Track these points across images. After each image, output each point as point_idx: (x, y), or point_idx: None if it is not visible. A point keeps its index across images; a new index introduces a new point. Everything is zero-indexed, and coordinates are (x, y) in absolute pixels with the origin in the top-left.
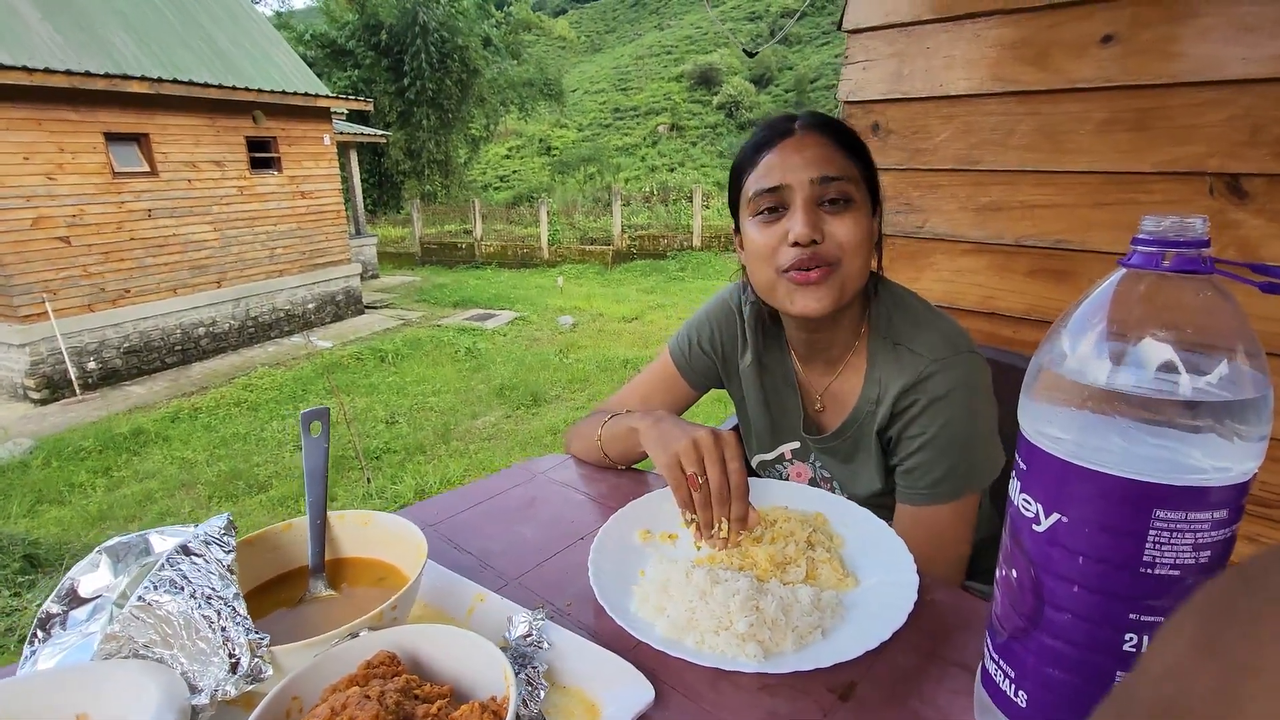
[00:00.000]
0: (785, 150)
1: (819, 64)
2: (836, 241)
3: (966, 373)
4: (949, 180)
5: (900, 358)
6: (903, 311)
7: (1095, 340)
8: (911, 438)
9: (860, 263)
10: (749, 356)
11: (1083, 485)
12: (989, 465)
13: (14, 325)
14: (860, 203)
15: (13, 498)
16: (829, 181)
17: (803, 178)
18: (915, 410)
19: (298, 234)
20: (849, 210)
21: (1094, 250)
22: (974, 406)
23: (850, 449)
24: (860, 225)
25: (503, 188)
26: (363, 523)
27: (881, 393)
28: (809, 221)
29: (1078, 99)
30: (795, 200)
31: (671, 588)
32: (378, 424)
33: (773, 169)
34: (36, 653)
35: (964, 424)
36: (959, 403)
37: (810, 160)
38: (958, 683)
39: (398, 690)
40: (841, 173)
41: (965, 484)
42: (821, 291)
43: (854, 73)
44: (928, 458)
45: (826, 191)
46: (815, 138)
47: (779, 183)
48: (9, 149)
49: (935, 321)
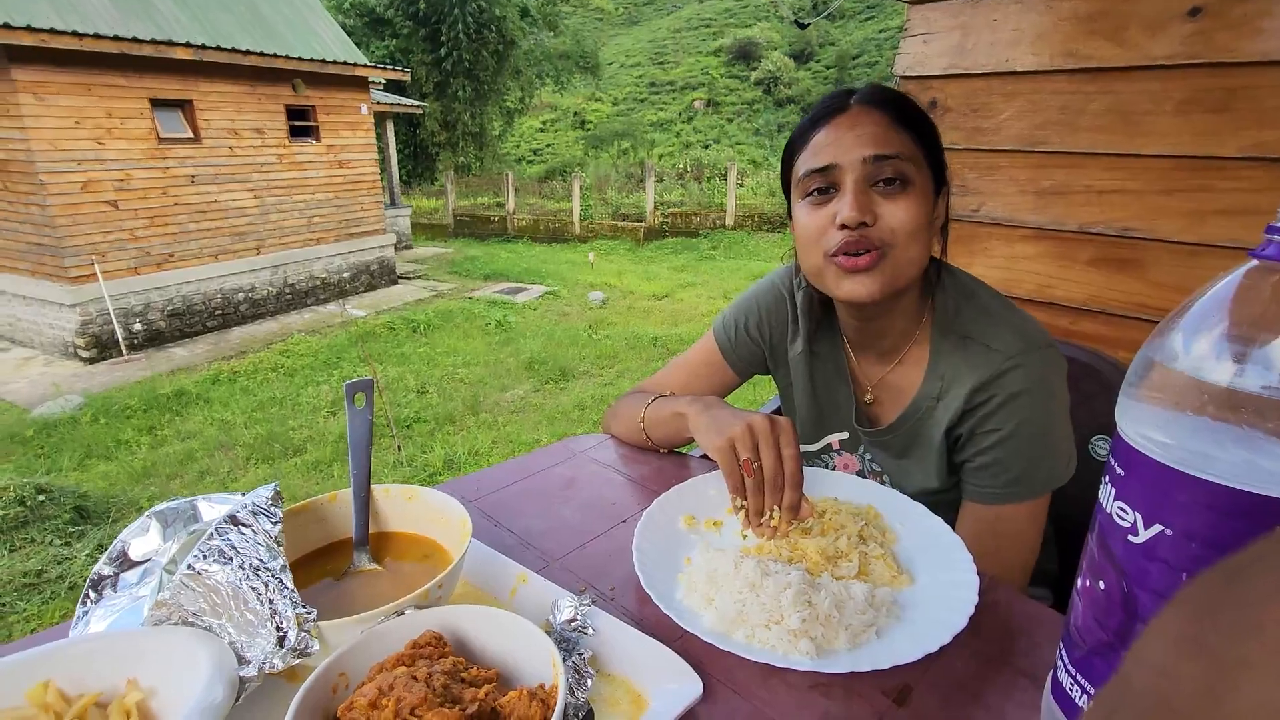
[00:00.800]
0: (838, 127)
1: (861, 40)
2: (889, 225)
3: (1045, 369)
4: (1009, 162)
5: (971, 353)
6: (972, 303)
7: (1217, 338)
8: (986, 434)
9: (917, 249)
10: (800, 344)
11: (1192, 496)
12: (1064, 465)
13: (65, 286)
14: (918, 183)
15: (64, 451)
16: (883, 160)
17: (854, 157)
18: (990, 407)
19: (334, 203)
20: (904, 192)
21: (1163, 240)
22: (1052, 405)
23: (905, 444)
24: (917, 208)
25: (536, 161)
26: (407, 497)
27: (945, 389)
28: (858, 203)
29: (1156, 77)
30: (846, 181)
31: (719, 578)
32: (409, 393)
33: (823, 148)
34: (89, 613)
35: (1042, 422)
36: (1037, 400)
37: (863, 138)
38: (1022, 693)
39: (445, 672)
40: (897, 151)
41: (1040, 484)
42: (870, 277)
43: (913, 46)
44: (1002, 455)
45: (880, 171)
46: (871, 113)
47: (829, 162)
48: (61, 113)
49: (1009, 315)
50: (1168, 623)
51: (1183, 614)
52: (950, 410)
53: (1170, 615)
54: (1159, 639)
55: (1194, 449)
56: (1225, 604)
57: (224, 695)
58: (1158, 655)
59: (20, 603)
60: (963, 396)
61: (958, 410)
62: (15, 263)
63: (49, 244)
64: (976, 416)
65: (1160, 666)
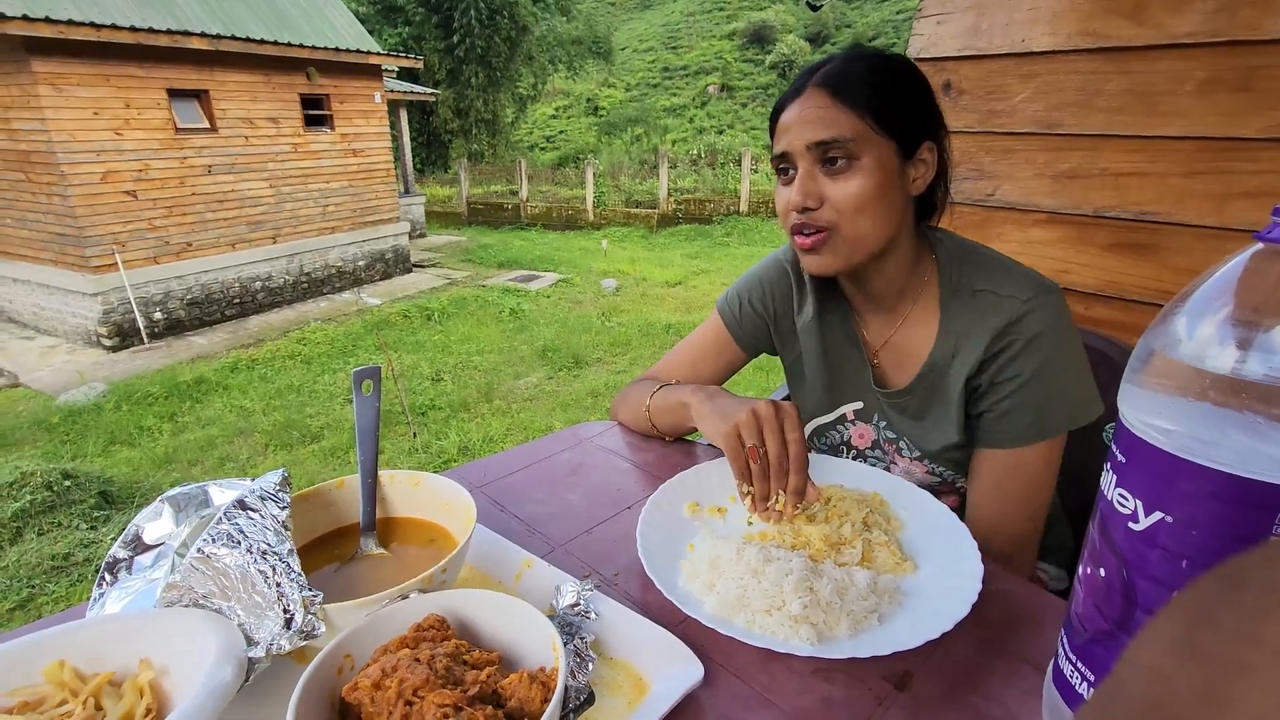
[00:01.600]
0: (790, 112)
1: (879, 21)
2: (833, 205)
3: (1058, 309)
4: (1024, 145)
5: (982, 304)
6: (974, 260)
7: (1220, 323)
8: (1007, 380)
9: (866, 222)
10: (808, 310)
11: (1194, 484)
12: (1085, 404)
13: (87, 275)
14: (867, 159)
15: (88, 438)
16: (824, 145)
17: (799, 144)
18: (1012, 352)
19: (349, 192)
20: (850, 170)
21: (1183, 223)
22: (1069, 343)
23: (923, 404)
24: (861, 184)
25: (549, 148)
26: (413, 484)
27: (959, 345)
28: (801, 188)
29: (1177, 56)
30: (798, 165)
31: (722, 564)
32: (424, 380)
33: (782, 133)
34: (105, 595)
35: (1061, 361)
36: (1055, 340)
37: (808, 124)
38: (1024, 680)
39: (447, 655)
40: (837, 134)
41: (1059, 424)
42: (819, 256)
43: (927, 27)
44: (1025, 399)
45: (824, 153)
46: (819, 96)
47: (783, 149)
48: (80, 104)
49: (1011, 264)
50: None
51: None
52: (968, 363)
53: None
54: (1154, 643)
55: (1196, 435)
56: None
57: (233, 675)
58: (1153, 659)
59: (49, 585)
60: (982, 346)
61: (976, 361)
62: (39, 253)
63: (71, 234)
64: (997, 364)
65: (1155, 670)
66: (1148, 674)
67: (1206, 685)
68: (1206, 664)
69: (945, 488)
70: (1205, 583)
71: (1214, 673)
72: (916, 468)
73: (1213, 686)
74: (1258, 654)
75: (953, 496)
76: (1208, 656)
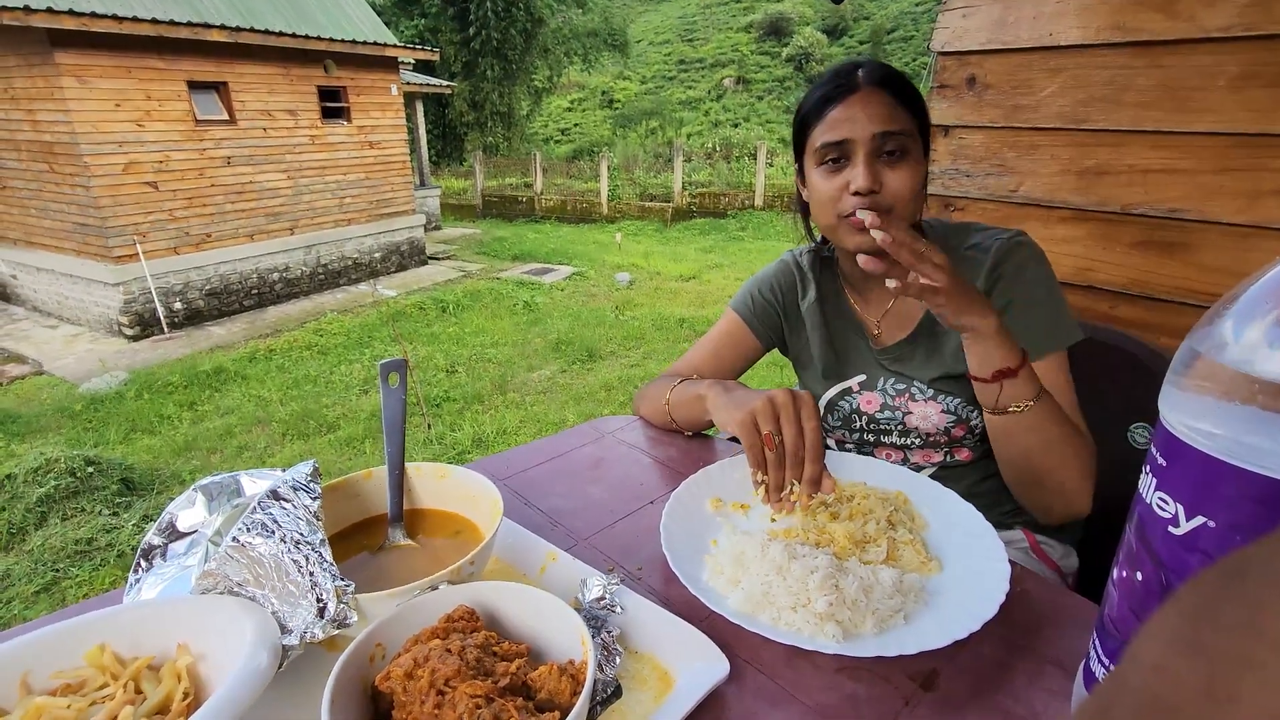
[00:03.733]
0: (851, 105)
1: (897, 13)
2: (892, 190)
3: (1033, 246)
4: (1050, 140)
5: (965, 258)
6: (954, 230)
7: (1270, 326)
8: (1006, 306)
9: (914, 207)
10: (811, 294)
11: (1239, 488)
12: (1071, 325)
13: (109, 265)
14: (915, 154)
15: (110, 425)
16: (889, 136)
17: (865, 134)
18: (1005, 281)
19: (365, 184)
20: (904, 161)
21: (1214, 221)
22: (1048, 269)
23: (928, 346)
24: (915, 175)
25: (564, 141)
26: (439, 476)
27: None
28: (869, 175)
29: (1209, 50)
30: (858, 153)
31: (746, 560)
32: (438, 372)
33: (839, 124)
34: (141, 581)
35: (1047, 283)
36: (1039, 266)
37: (873, 116)
38: (1052, 681)
39: (477, 646)
40: (901, 128)
41: (1064, 336)
42: None
43: (952, 20)
44: (1027, 319)
45: (886, 144)
46: (878, 94)
47: (844, 137)
48: (102, 96)
49: (983, 225)
50: (1165, 621)
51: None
52: None
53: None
54: (1156, 637)
55: (1242, 440)
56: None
57: (268, 662)
58: (1155, 653)
59: (73, 569)
60: (979, 285)
61: None
62: (62, 243)
63: (93, 224)
64: (993, 295)
65: (1157, 665)
66: (1150, 669)
67: (1209, 680)
68: (1209, 659)
69: (961, 429)
70: (1207, 577)
71: (1216, 668)
72: (932, 408)
73: (1215, 681)
74: (1261, 649)
75: (966, 450)
76: (1210, 651)
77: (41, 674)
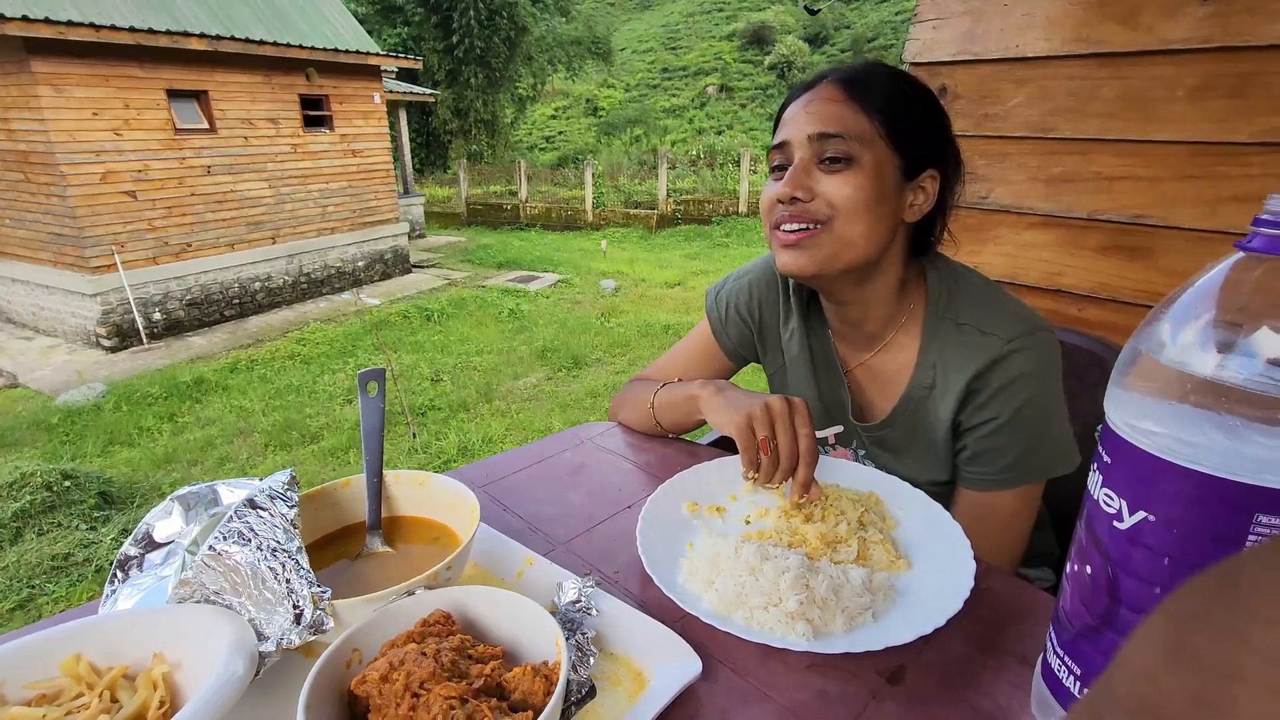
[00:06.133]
0: (798, 105)
1: (877, 22)
2: (826, 199)
3: (1042, 353)
4: (1018, 149)
5: (967, 339)
6: (964, 288)
7: (1202, 328)
8: (983, 423)
9: (861, 227)
10: (793, 325)
11: (1176, 484)
12: (1062, 455)
13: (86, 276)
14: (867, 163)
15: (88, 438)
16: (826, 138)
17: (802, 135)
18: (987, 394)
19: (348, 192)
20: (848, 169)
21: (1175, 227)
22: (1050, 389)
23: (903, 438)
24: (859, 185)
25: (548, 149)
26: (418, 483)
27: (938, 377)
28: (792, 178)
29: (1169, 61)
30: (794, 157)
31: (721, 561)
32: (423, 381)
33: (785, 123)
34: (117, 592)
35: (1040, 406)
36: (1035, 385)
37: (814, 116)
38: (1015, 675)
39: (453, 649)
40: (844, 129)
41: (1035, 471)
42: (802, 252)
43: (922, 32)
44: (999, 443)
45: (824, 149)
46: (832, 92)
47: (782, 139)
48: (80, 104)
49: (1003, 299)
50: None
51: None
52: (949, 400)
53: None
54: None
55: (1178, 437)
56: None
57: (244, 669)
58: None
59: (50, 585)
60: (962, 384)
61: (957, 398)
62: (37, 253)
63: (70, 234)
64: (974, 404)
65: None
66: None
67: (1197, 690)
68: (1197, 668)
69: None
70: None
71: (1205, 677)
72: None
73: (1204, 691)
74: (1249, 658)
75: None
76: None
77: (15, 684)
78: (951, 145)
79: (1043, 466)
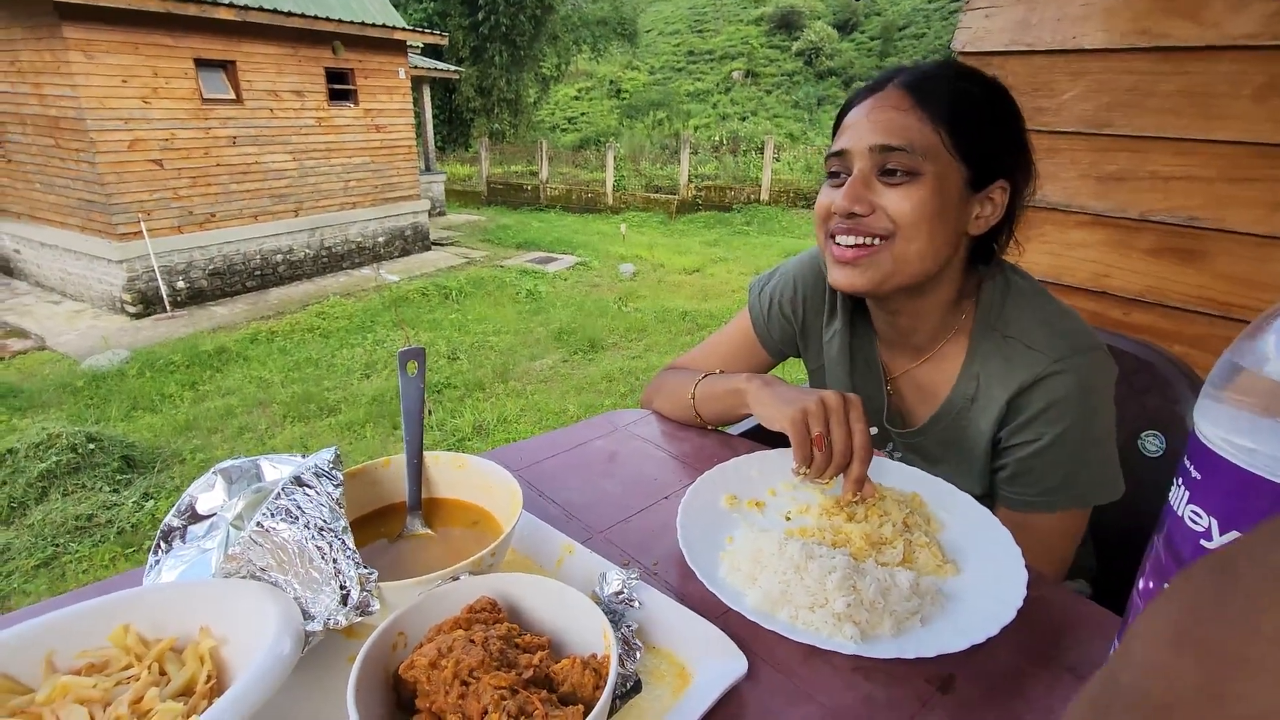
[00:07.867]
0: (861, 111)
1: (910, 10)
2: (888, 213)
3: (1090, 374)
4: (1070, 144)
5: (1012, 354)
6: (1016, 299)
7: None
8: (1024, 443)
9: (921, 242)
10: (836, 326)
11: (1275, 504)
12: (1105, 484)
13: (113, 242)
14: (930, 176)
15: (112, 403)
16: (888, 151)
17: (863, 145)
18: (1029, 414)
19: (371, 168)
20: (910, 182)
21: (1231, 230)
22: (1096, 415)
23: (939, 448)
24: (920, 199)
25: (570, 130)
26: (457, 465)
27: (980, 390)
28: (850, 191)
29: (1235, 58)
30: (854, 167)
31: (764, 558)
32: (440, 359)
33: (845, 131)
34: (160, 562)
35: (1085, 432)
36: (1080, 409)
37: (876, 126)
38: (1067, 689)
39: (500, 638)
40: (905, 143)
41: (1074, 499)
42: (857, 271)
43: (974, 20)
44: (1037, 465)
45: (885, 161)
46: (898, 98)
47: (842, 147)
48: (109, 71)
49: (1055, 314)
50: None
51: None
52: (990, 414)
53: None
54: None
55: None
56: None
57: (291, 648)
58: (1149, 652)
59: (73, 544)
60: (1003, 400)
61: (998, 414)
62: (66, 218)
63: (98, 201)
64: (1015, 423)
65: (1152, 664)
66: (1144, 667)
67: (1205, 679)
68: (1204, 657)
69: None
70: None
71: (1212, 666)
72: None
73: (1211, 680)
74: (1256, 646)
75: None
76: (1205, 649)
77: (66, 653)
78: (1025, 153)
79: (1082, 494)
